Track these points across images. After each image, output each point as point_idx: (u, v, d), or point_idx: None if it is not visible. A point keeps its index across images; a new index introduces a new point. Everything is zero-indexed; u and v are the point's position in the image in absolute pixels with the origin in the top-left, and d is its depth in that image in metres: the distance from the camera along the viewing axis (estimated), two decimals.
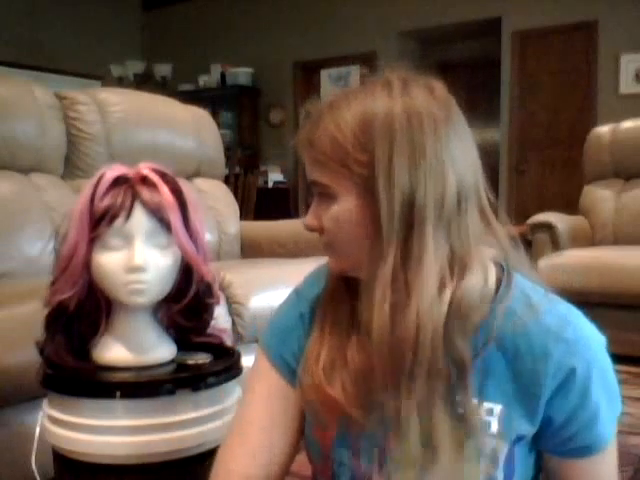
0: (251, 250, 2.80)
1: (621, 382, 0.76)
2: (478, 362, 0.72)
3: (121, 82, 6.84)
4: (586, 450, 0.76)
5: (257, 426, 0.86)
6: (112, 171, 1.09)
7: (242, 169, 5.51)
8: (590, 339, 0.75)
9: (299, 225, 0.90)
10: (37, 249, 2.03)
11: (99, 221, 1.06)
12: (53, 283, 1.12)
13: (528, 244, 3.45)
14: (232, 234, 2.80)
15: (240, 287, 1.92)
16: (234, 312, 1.90)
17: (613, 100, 5.30)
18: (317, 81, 6.96)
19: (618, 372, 0.79)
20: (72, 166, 2.36)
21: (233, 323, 1.89)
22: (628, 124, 3.71)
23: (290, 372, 0.86)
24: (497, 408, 0.74)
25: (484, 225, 0.75)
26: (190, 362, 1.16)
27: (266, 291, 1.93)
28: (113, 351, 1.13)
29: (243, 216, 3.17)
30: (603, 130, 3.78)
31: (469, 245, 0.73)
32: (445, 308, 0.69)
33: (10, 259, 1.96)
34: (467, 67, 6.94)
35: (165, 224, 1.08)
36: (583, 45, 5.47)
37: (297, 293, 0.92)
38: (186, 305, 1.16)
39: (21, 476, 1.24)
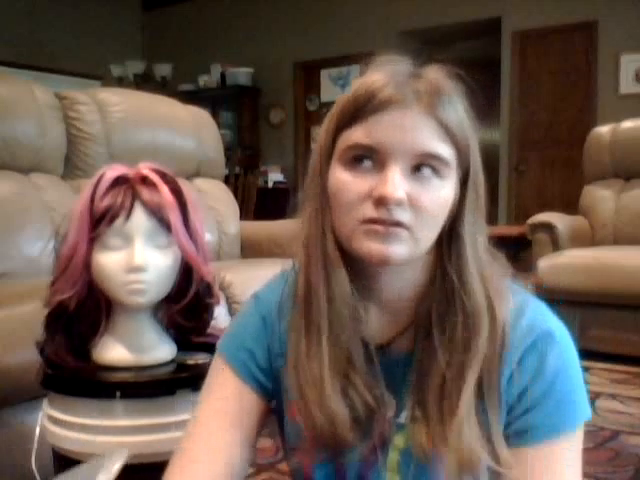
0: (251, 250, 2.80)
1: (621, 382, 0.76)
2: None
3: (121, 82, 6.84)
4: (535, 432, 0.72)
5: (215, 426, 0.81)
6: (112, 171, 1.09)
7: (242, 169, 5.52)
8: (554, 328, 0.75)
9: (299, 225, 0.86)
10: (37, 249, 2.03)
11: (99, 221, 1.06)
12: (53, 283, 1.12)
13: (528, 244, 3.45)
14: (232, 234, 2.80)
15: (240, 287, 1.92)
16: (234, 312, 1.90)
17: (613, 100, 5.30)
18: (317, 81, 6.97)
19: (618, 372, 0.79)
20: (72, 166, 2.36)
21: None
22: (628, 124, 3.71)
23: (250, 376, 0.82)
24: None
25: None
26: (190, 362, 1.16)
27: None
28: (113, 351, 1.13)
29: (243, 216, 3.17)
30: (603, 130, 3.78)
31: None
32: None
33: (10, 259, 1.96)
34: (467, 67, 6.93)
35: (165, 224, 1.08)
36: (583, 45, 5.48)
37: (256, 297, 0.87)
38: (186, 305, 1.15)
39: (21, 476, 1.24)
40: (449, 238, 0.73)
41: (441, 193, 0.70)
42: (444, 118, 0.69)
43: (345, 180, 0.70)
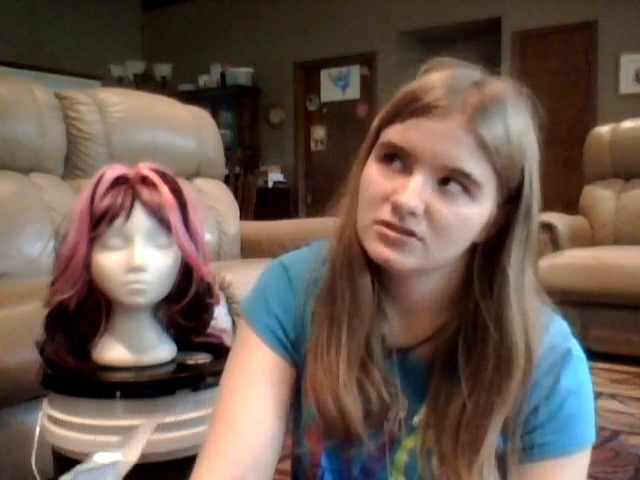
0: (251, 250, 2.80)
1: (621, 382, 0.76)
2: None
3: (121, 82, 6.85)
4: (541, 450, 0.72)
5: (251, 396, 0.77)
6: (112, 171, 1.09)
7: (242, 169, 5.52)
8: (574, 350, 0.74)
9: (299, 225, 0.86)
10: (37, 249, 2.03)
11: (99, 221, 1.06)
12: (53, 283, 1.12)
13: None
14: (232, 234, 2.80)
15: (240, 287, 1.92)
16: (234, 312, 1.90)
17: (613, 100, 5.30)
18: (317, 81, 6.97)
19: (618, 372, 0.79)
20: (72, 166, 2.36)
21: (233, 323, 1.89)
22: (628, 124, 3.71)
23: (279, 344, 0.79)
24: None
25: None
26: (190, 362, 1.16)
27: None
28: (113, 351, 1.13)
29: (243, 216, 3.17)
30: (603, 130, 3.78)
31: None
32: None
33: (10, 259, 1.96)
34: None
35: (165, 224, 1.08)
36: (583, 45, 5.47)
37: (283, 265, 0.83)
38: (186, 305, 1.15)
39: (21, 476, 1.24)
40: (490, 270, 0.70)
41: (467, 212, 0.67)
42: (486, 135, 0.65)
43: (373, 176, 0.69)
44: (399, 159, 0.68)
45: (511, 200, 0.70)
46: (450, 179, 0.66)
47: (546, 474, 0.71)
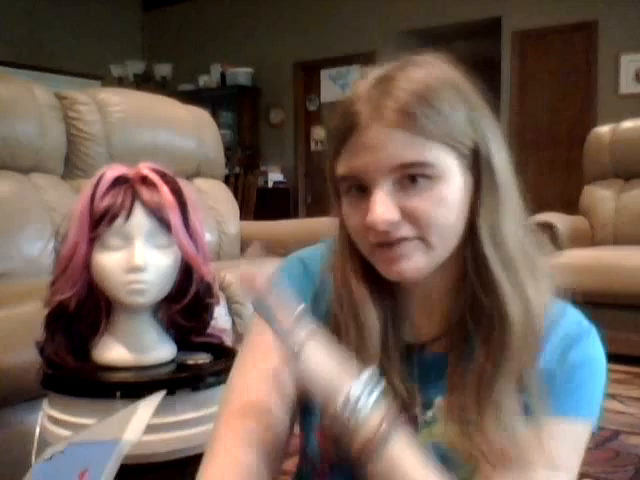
0: None
1: (621, 382, 0.76)
2: None
3: (121, 82, 6.84)
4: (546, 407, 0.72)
5: (260, 408, 0.76)
6: (112, 171, 1.09)
7: (242, 169, 5.51)
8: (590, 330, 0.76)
9: (299, 225, 0.85)
10: (37, 249, 2.03)
11: (99, 221, 1.06)
12: (53, 283, 1.12)
13: None
14: (232, 234, 2.80)
15: (240, 287, 1.92)
16: (234, 312, 1.90)
17: (613, 100, 5.30)
18: (317, 81, 6.96)
19: (618, 372, 0.79)
20: (72, 166, 2.36)
21: (233, 323, 1.90)
22: (628, 124, 3.71)
23: None
24: None
25: None
26: (190, 362, 1.16)
27: None
28: (113, 351, 1.13)
29: (243, 216, 3.17)
30: (603, 130, 3.78)
31: None
32: None
33: (10, 259, 1.96)
34: (467, 67, 6.93)
35: (165, 224, 1.08)
36: (583, 45, 5.47)
37: (302, 260, 0.84)
38: (186, 305, 1.16)
39: (21, 476, 1.24)
40: (467, 236, 0.71)
41: (441, 193, 0.67)
42: (416, 121, 0.66)
43: (347, 212, 0.71)
44: (358, 186, 0.69)
45: (475, 161, 0.70)
46: (408, 175, 0.67)
47: (548, 429, 0.70)
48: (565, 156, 5.52)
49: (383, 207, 0.66)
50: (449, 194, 0.68)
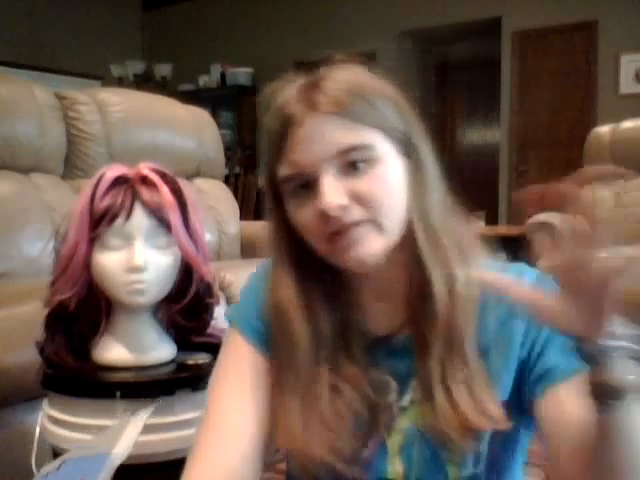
0: (251, 250, 2.80)
1: None
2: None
3: (121, 82, 6.84)
4: (550, 376, 0.72)
5: (235, 394, 0.79)
6: (112, 171, 1.09)
7: (242, 169, 5.51)
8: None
9: None
10: (37, 249, 2.03)
11: (99, 221, 1.06)
12: (53, 283, 1.12)
13: (528, 244, 3.45)
14: (232, 234, 2.80)
15: (240, 287, 1.92)
16: None
17: (613, 100, 5.30)
18: None
19: None
20: (72, 166, 2.36)
21: None
22: (628, 124, 3.71)
23: (262, 342, 0.80)
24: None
25: None
26: (190, 362, 1.16)
27: None
28: (113, 351, 1.13)
29: (243, 216, 3.17)
30: (603, 130, 3.78)
31: None
32: None
33: (10, 259, 1.96)
34: (467, 67, 6.95)
35: (165, 224, 1.08)
36: (583, 45, 5.47)
37: (266, 266, 0.88)
38: (186, 305, 1.16)
39: (21, 476, 1.24)
40: (406, 220, 0.74)
41: (382, 174, 0.70)
42: (347, 109, 0.70)
43: (294, 213, 0.73)
44: (302, 185, 0.71)
45: (407, 148, 0.73)
46: (349, 162, 0.70)
47: (559, 400, 0.70)
48: (565, 156, 5.51)
49: (332, 191, 0.68)
50: (389, 175, 0.71)
